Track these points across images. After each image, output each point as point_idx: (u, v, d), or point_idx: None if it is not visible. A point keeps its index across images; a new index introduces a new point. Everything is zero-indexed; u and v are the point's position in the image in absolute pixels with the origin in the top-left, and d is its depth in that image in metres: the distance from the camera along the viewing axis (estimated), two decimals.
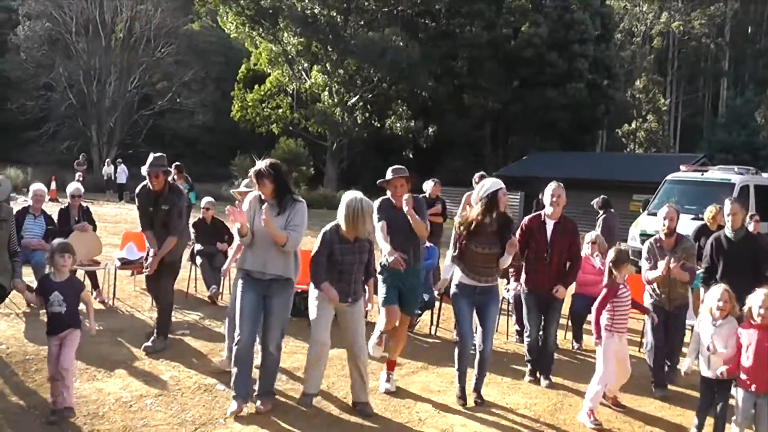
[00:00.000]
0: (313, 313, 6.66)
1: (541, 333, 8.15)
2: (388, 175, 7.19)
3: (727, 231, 8.20)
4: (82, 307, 6.19)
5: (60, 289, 5.93)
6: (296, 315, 8.58)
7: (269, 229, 6.18)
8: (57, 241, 6.30)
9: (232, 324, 7.00)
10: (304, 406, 6.64)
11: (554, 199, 7.95)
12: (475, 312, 7.12)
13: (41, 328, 8.00)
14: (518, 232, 7.90)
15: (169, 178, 8.37)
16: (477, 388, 7.10)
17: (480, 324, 7.08)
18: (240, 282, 6.57)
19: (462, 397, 7.08)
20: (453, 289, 7.22)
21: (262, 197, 6.44)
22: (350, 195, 6.49)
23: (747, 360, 5.95)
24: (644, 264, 8.16)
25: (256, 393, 6.54)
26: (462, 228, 7.01)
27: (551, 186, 8.09)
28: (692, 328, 7.12)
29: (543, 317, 8.10)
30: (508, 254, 6.88)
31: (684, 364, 6.50)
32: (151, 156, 8.19)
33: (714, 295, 6.27)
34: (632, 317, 7.93)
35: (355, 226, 6.47)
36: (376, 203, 7.05)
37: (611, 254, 6.99)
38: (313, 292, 6.69)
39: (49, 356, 5.99)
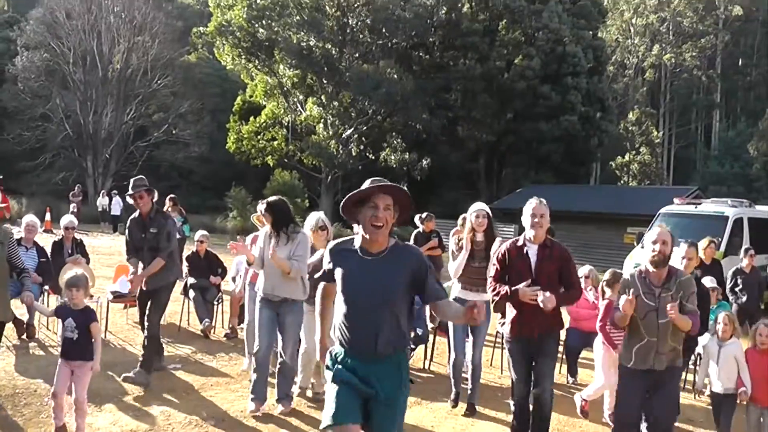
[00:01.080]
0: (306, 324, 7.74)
1: (533, 389, 6.60)
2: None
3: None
4: None
5: (74, 317, 6.42)
6: None
7: (274, 261, 7.29)
8: (69, 275, 6.69)
9: (251, 337, 8.29)
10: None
11: (536, 219, 6.59)
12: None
13: (31, 361, 8.17)
14: (493, 260, 6.94)
15: (164, 209, 8.75)
16: (471, 400, 7.58)
17: (471, 333, 7.85)
18: (258, 301, 7.68)
19: (455, 400, 7.93)
20: None
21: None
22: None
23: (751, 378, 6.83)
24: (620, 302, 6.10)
25: (276, 398, 7.64)
26: (458, 245, 7.89)
27: (531, 203, 6.74)
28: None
29: (533, 369, 6.60)
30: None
31: (698, 382, 7.51)
32: (131, 180, 8.56)
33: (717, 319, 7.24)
34: None
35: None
36: None
37: (606, 275, 7.91)
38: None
39: (57, 375, 6.43)
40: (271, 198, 7.75)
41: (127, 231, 8.68)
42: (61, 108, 45.06)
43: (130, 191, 8.53)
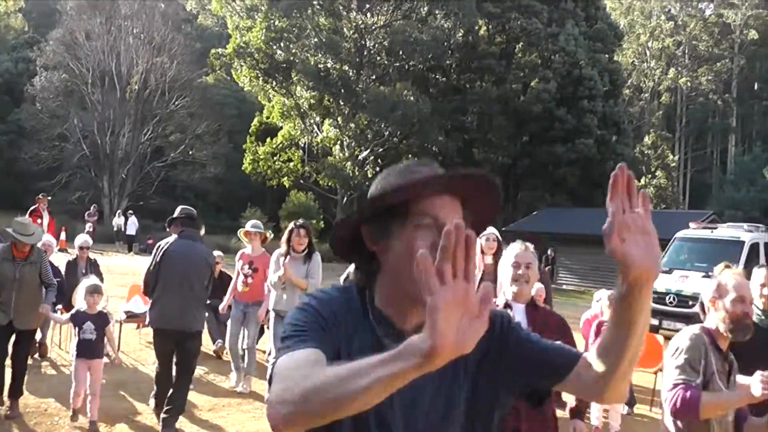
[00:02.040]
0: None
1: None
2: None
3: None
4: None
5: (92, 320, 7.35)
6: None
7: (289, 278, 7.98)
8: (89, 282, 7.79)
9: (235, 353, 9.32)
10: None
11: (519, 271, 4.72)
12: None
13: (43, 380, 8.24)
14: None
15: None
16: None
17: None
18: (273, 319, 8.33)
19: None
20: None
21: (289, 252, 8.18)
22: None
23: None
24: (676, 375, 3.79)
25: None
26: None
27: (514, 248, 4.87)
28: None
29: None
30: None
31: None
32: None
33: None
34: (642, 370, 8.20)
35: None
36: None
37: (611, 293, 7.94)
38: None
39: (76, 375, 7.29)
40: (304, 222, 8.62)
41: None
42: (78, 128, 45.31)
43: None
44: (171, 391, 7.24)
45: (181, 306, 7.22)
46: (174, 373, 7.37)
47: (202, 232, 8.42)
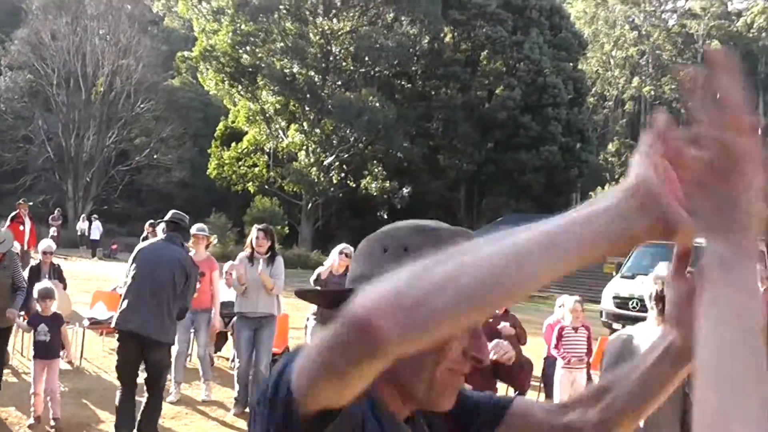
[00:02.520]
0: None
1: None
2: None
3: None
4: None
5: (46, 323, 7.48)
6: None
7: (263, 279, 8.18)
8: (40, 286, 7.95)
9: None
10: None
11: None
12: None
13: (4, 388, 8.20)
14: None
15: (143, 235, 8.89)
16: None
17: None
18: (237, 322, 8.57)
19: None
20: None
21: (253, 254, 8.38)
22: None
23: None
24: None
25: None
26: None
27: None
28: None
29: None
30: None
31: None
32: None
33: None
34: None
35: None
36: None
37: (571, 302, 8.20)
38: None
39: (34, 375, 7.45)
40: (265, 225, 8.82)
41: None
42: (43, 130, 44.85)
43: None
44: (139, 418, 6.90)
45: (146, 310, 6.75)
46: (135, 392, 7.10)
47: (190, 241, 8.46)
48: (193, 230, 9.15)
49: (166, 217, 7.61)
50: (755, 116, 0.96)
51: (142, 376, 7.16)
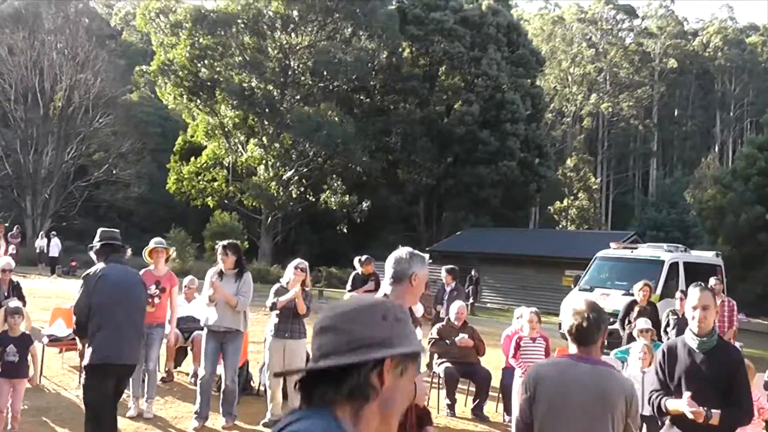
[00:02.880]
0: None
1: None
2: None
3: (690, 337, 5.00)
4: None
5: (15, 343, 7.50)
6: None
7: (220, 295, 8.28)
8: (9, 303, 8.23)
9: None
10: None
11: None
12: None
13: None
14: None
15: None
16: None
17: None
18: (204, 334, 8.67)
19: None
20: None
21: (222, 270, 8.45)
22: None
23: None
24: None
25: (221, 414, 8.53)
26: None
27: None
28: None
29: None
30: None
31: None
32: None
33: None
34: None
35: None
36: None
37: (529, 314, 8.86)
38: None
39: (0, 394, 7.37)
40: (229, 242, 8.82)
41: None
42: (0, 146, 44.44)
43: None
44: None
45: (121, 338, 6.50)
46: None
47: (129, 253, 8.46)
48: (151, 244, 9.26)
49: (101, 241, 7.03)
50: None
51: None
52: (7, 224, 32.74)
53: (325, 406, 1.86)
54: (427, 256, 7.15)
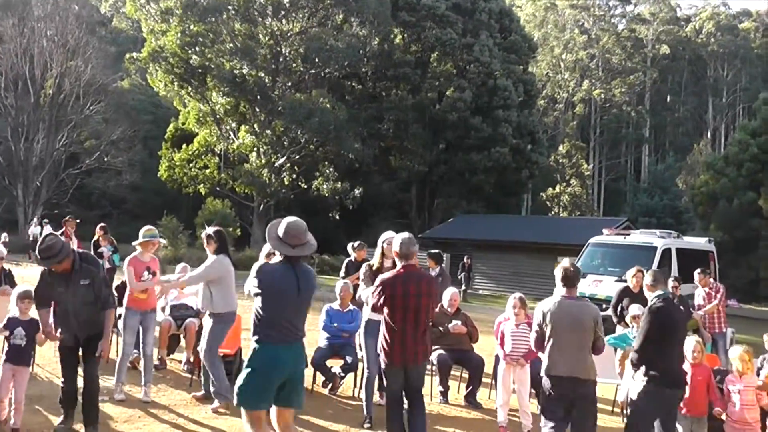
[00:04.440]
0: None
1: None
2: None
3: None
4: None
5: (24, 326, 7.39)
6: None
7: (155, 282, 8.78)
8: (20, 287, 7.86)
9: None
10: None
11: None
12: None
13: None
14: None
15: (94, 239, 8.81)
16: None
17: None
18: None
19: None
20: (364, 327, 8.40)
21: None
22: None
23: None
24: None
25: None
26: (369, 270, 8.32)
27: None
28: None
29: None
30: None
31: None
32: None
33: None
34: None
35: None
36: None
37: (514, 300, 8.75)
38: None
39: (2, 380, 7.27)
40: (213, 228, 8.81)
41: (42, 281, 7.42)
42: None
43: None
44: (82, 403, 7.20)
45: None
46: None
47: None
48: (147, 237, 9.12)
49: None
50: None
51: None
52: None
53: None
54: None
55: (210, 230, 8.77)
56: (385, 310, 6.70)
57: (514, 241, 36.05)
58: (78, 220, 18.69)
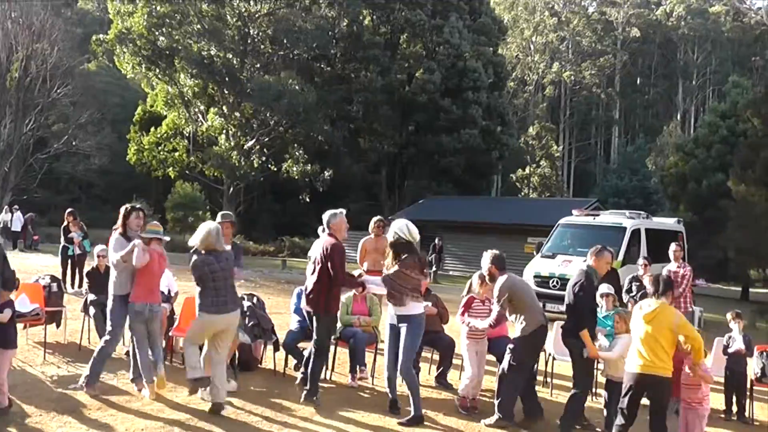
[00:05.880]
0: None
1: None
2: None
3: None
4: None
5: (9, 306, 7.56)
6: None
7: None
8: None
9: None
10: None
11: None
12: None
13: None
14: None
15: (64, 225, 8.80)
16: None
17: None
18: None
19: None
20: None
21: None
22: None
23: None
24: None
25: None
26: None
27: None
28: None
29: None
30: None
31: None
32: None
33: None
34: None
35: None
36: None
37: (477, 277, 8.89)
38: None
39: None
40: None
41: None
42: None
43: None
44: None
45: None
46: None
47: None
48: (151, 234, 8.68)
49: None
50: None
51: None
52: None
53: None
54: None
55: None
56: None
57: (484, 223, 36.10)
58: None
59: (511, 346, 8.08)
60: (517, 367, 7.91)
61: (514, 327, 8.18)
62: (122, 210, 8.64)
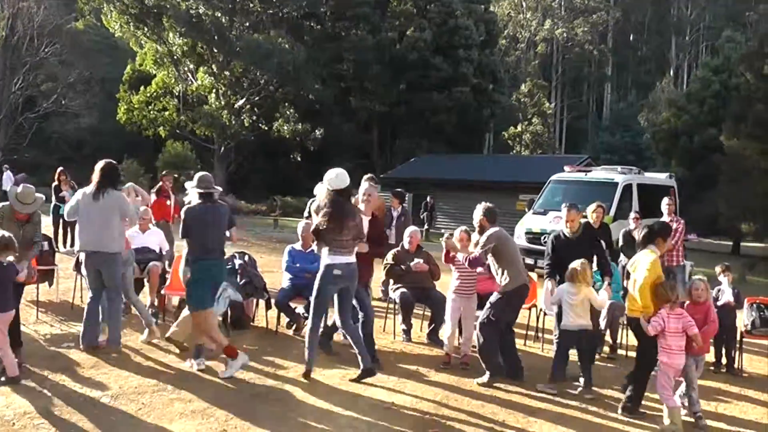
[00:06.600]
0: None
1: None
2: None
3: (566, 231, 9.02)
4: None
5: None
6: None
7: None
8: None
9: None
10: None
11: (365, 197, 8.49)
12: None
13: None
14: None
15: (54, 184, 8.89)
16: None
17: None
18: None
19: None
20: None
21: None
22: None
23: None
24: None
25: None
26: None
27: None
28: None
29: None
30: None
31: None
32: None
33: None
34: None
35: None
36: None
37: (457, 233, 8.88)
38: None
39: None
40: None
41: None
42: None
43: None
44: None
45: None
46: None
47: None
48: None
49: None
50: None
51: None
52: None
53: None
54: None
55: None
56: None
57: (476, 180, 36.03)
58: (175, 175, 18.03)
59: (492, 300, 8.16)
60: (494, 323, 8.00)
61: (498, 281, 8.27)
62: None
